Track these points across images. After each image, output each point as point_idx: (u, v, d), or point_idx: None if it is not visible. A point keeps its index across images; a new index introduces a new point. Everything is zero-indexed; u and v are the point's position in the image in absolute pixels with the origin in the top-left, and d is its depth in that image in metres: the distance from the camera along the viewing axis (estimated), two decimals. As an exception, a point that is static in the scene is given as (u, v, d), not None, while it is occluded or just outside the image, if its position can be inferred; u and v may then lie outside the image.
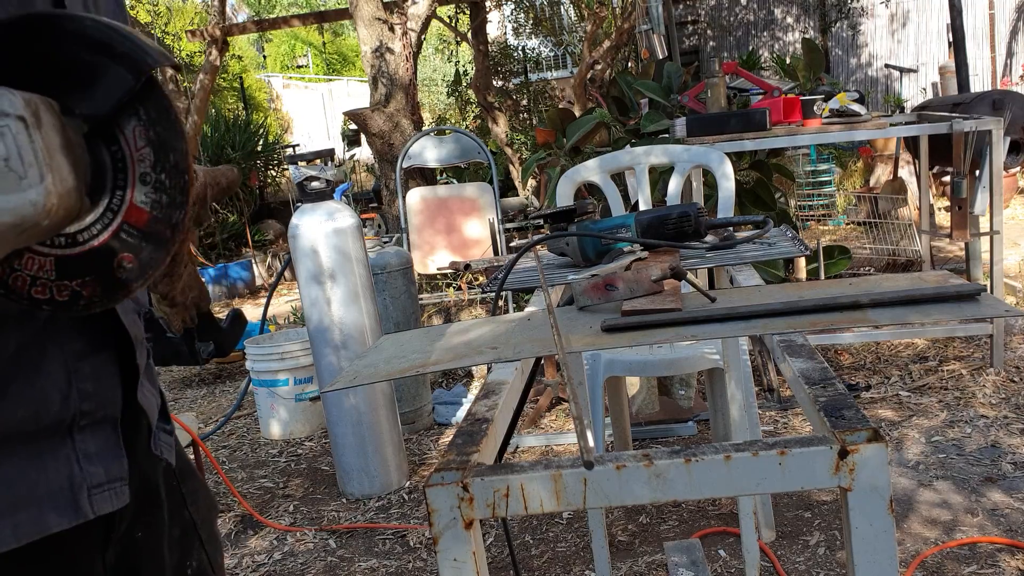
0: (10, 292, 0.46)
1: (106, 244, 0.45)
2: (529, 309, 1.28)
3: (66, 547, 0.61)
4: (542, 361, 0.98)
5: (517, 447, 3.46)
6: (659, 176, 3.94)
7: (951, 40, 6.98)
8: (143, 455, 0.69)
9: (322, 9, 19.53)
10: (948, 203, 4.22)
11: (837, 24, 10.38)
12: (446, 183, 6.38)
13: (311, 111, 16.37)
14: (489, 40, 10.28)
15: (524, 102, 11.83)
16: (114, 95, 0.42)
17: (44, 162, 0.39)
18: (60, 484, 0.58)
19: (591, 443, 0.65)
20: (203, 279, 0.73)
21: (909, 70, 9.62)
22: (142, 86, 0.43)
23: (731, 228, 1.56)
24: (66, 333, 0.59)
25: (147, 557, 0.70)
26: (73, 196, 0.41)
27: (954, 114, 3.91)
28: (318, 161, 3.15)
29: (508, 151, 9.06)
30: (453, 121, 13.22)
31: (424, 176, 6.10)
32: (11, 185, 0.38)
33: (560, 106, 9.26)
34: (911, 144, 4.95)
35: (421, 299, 4.93)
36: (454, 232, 4.76)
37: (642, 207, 2.64)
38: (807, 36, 10.27)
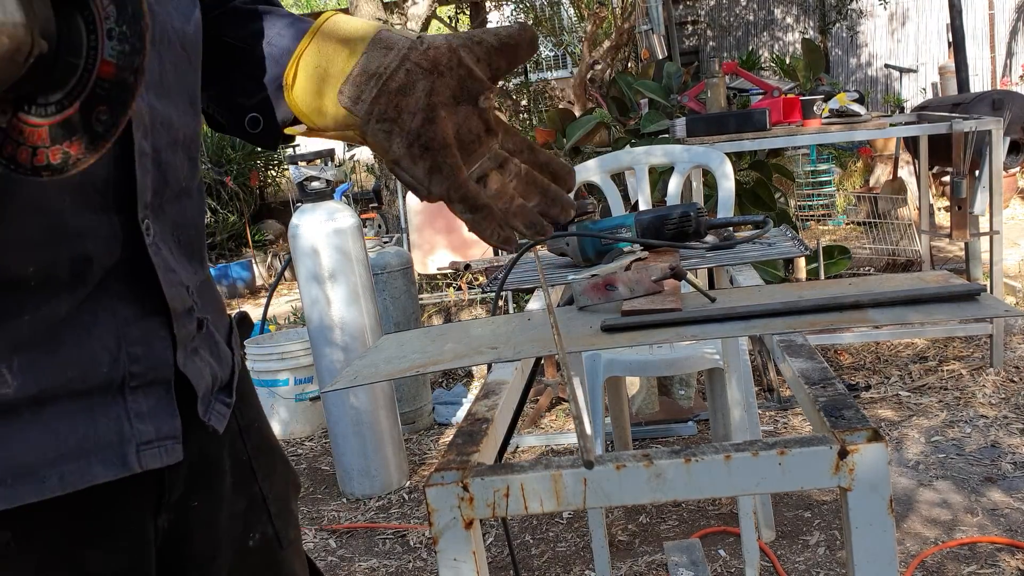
0: (18, 165, 0.49)
1: (86, 101, 0.49)
2: (529, 308, 1.28)
3: (117, 505, 0.65)
4: (542, 361, 0.98)
5: (517, 447, 3.46)
6: (659, 176, 3.94)
7: (951, 40, 6.98)
8: (200, 425, 0.71)
9: (322, 9, 19.52)
10: (948, 203, 4.22)
11: (837, 24, 10.38)
12: (446, 183, 6.37)
13: (311, 111, 16.32)
14: (489, 40, 10.26)
15: (524, 102, 11.83)
16: None
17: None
18: (109, 439, 0.61)
19: (590, 443, 0.65)
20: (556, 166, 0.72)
21: (909, 70, 9.62)
22: None
23: (731, 228, 1.57)
24: (117, 300, 0.63)
25: (201, 525, 0.73)
26: (20, 31, 0.44)
27: (954, 114, 3.91)
28: (318, 161, 3.15)
29: (508, 151, 9.04)
30: (453, 121, 13.20)
31: (424, 176, 6.09)
32: None
33: (560, 106, 9.26)
34: (911, 144, 4.96)
35: (421, 299, 4.94)
36: (454, 232, 4.76)
37: (642, 207, 2.64)
38: (807, 36, 10.28)
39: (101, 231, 0.61)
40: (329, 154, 3.24)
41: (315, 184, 3.08)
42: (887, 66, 10.03)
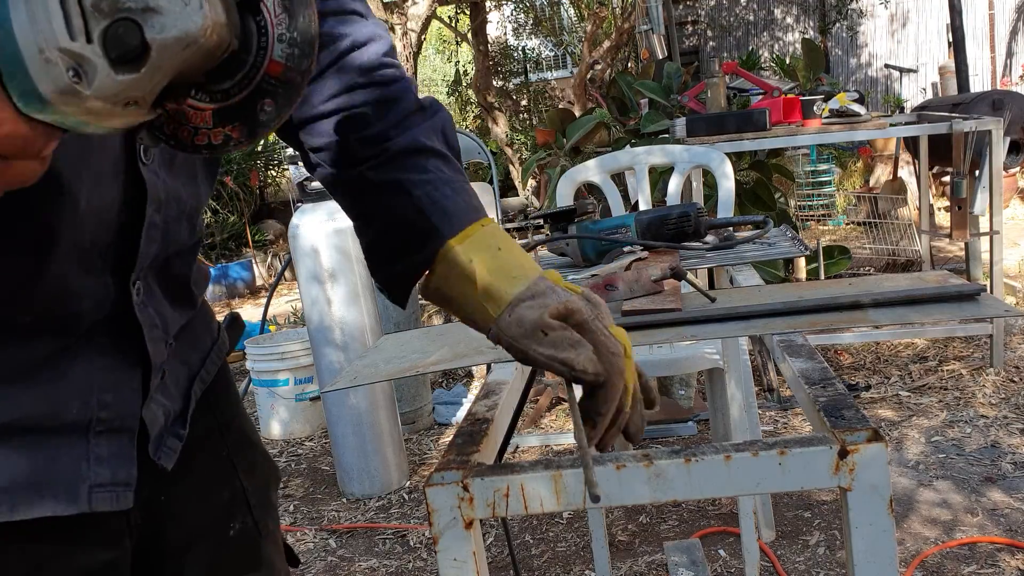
0: (179, 142, 0.56)
1: (252, 93, 0.56)
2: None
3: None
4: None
5: (517, 447, 3.46)
6: (659, 176, 3.94)
7: (951, 40, 6.98)
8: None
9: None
10: (948, 203, 4.22)
11: (837, 24, 10.38)
12: (446, 183, 6.37)
13: (311, 111, 16.32)
14: (489, 40, 10.28)
15: (524, 102, 11.83)
16: None
17: None
18: (65, 476, 0.64)
19: (594, 476, 0.66)
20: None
21: (909, 70, 9.62)
22: None
23: (731, 228, 1.57)
24: (97, 350, 0.67)
25: (171, 519, 0.77)
26: (224, 29, 0.51)
27: (954, 114, 3.91)
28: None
29: (508, 151, 9.06)
30: (453, 121, 13.21)
31: (424, 176, 6.10)
32: (179, 9, 0.49)
33: (560, 106, 9.27)
34: (911, 144, 4.95)
35: (421, 299, 4.93)
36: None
37: (642, 207, 2.64)
38: (807, 36, 10.27)
39: (96, 292, 0.66)
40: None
41: (315, 184, 3.08)
42: (887, 66, 10.02)
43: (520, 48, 13.11)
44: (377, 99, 0.81)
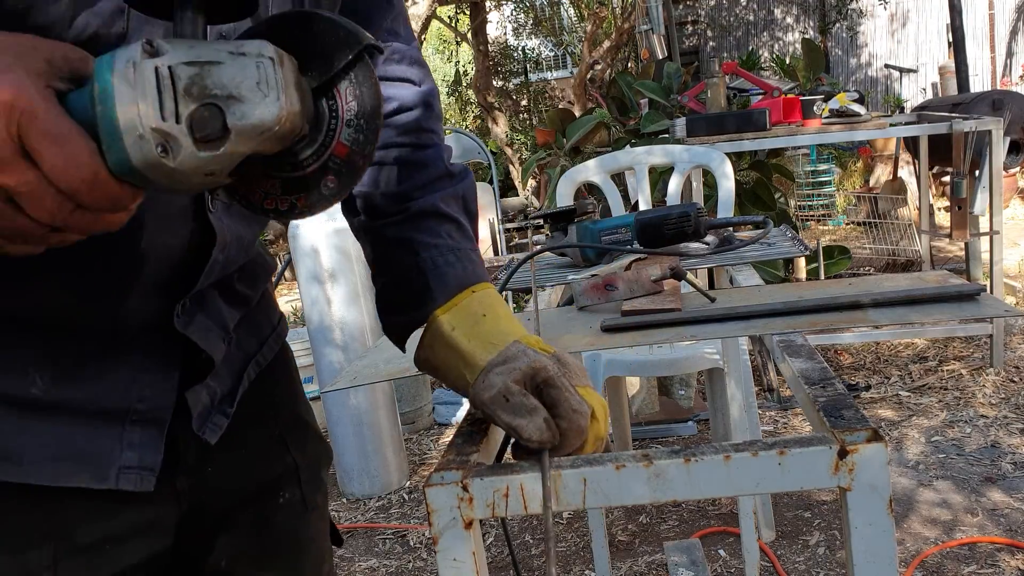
0: (250, 204, 0.63)
1: (318, 169, 0.62)
2: (529, 309, 1.28)
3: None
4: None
5: (517, 447, 3.46)
6: (659, 176, 3.94)
7: (951, 40, 6.98)
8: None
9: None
10: (948, 203, 4.22)
11: (837, 24, 10.38)
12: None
13: (311, 111, 16.33)
14: (489, 40, 10.28)
15: (524, 102, 11.83)
16: (336, 64, 0.61)
17: (281, 89, 0.57)
18: (100, 455, 0.72)
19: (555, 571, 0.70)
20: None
21: (909, 70, 9.62)
22: (355, 58, 0.61)
23: (731, 228, 1.57)
24: (142, 351, 0.74)
25: (220, 486, 0.83)
26: (297, 118, 0.58)
27: (954, 114, 3.91)
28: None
29: (508, 151, 9.06)
30: (453, 121, 13.22)
31: (424, 176, 6.10)
32: (259, 99, 0.55)
33: (560, 106, 9.27)
34: (911, 144, 4.95)
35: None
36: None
37: (642, 207, 2.64)
38: (807, 36, 10.27)
39: (147, 312, 0.73)
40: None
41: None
42: (887, 66, 10.02)
43: (520, 48, 13.11)
44: (408, 160, 0.88)
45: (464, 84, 12.56)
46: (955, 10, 5.00)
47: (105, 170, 0.53)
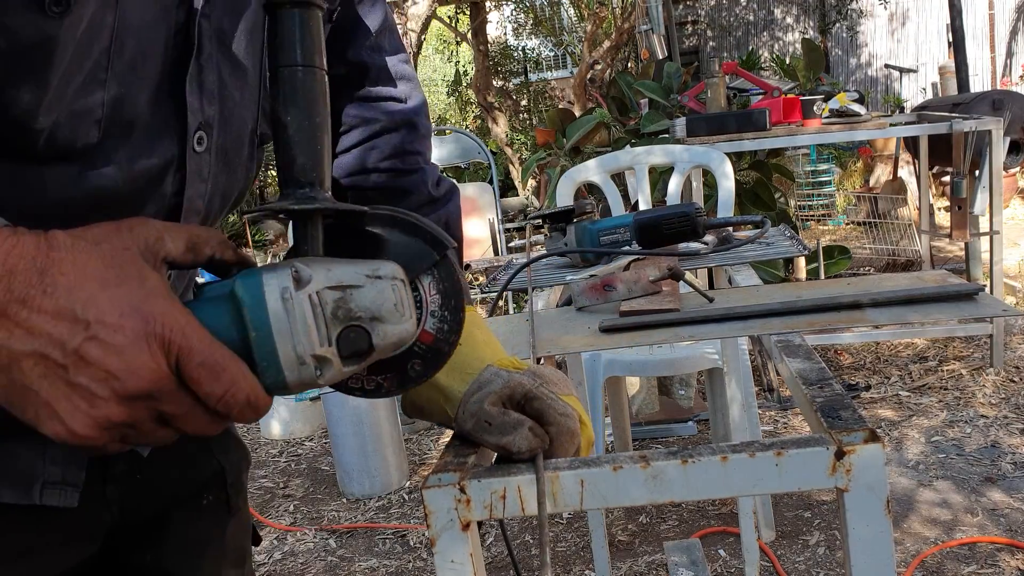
0: (336, 383, 0.65)
1: (405, 353, 0.66)
2: (528, 310, 1.28)
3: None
4: (541, 361, 0.99)
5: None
6: (659, 176, 3.93)
7: (951, 40, 6.97)
8: None
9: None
10: (948, 203, 4.22)
11: (837, 24, 10.38)
12: (446, 183, 6.36)
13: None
14: (489, 40, 10.28)
15: (524, 102, 11.83)
16: (425, 264, 0.67)
17: (410, 307, 0.63)
18: (23, 471, 0.70)
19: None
20: None
21: (909, 70, 9.61)
22: (440, 260, 0.67)
23: (730, 228, 1.57)
24: None
25: (149, 493, 0.83)
26: (416, 328, 0.65)
27: (954, 114, 3.91)
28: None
29: (508, 151, 9.06)
30: (453, 121, 13.22)
31: (424, 176, 6.10)
32: (397, 319, 0.61)
33: (560, 106, 9.26)
34: (911, 144, 4.95)
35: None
36: (454, 232, 4.75)
37: (642, 207, 2.64)
38: (807, 36, 10.27)
39: None
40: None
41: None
42: (887, 66, 10.02)
43: (520, 48, 13.11)
44: (390, 187, 0.89)
45: (464, 84, 12.55)
46: (955, 10, 5.00)
47: (260, 389, 0.56)
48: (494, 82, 10.51)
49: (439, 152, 5.35)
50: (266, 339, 0.56)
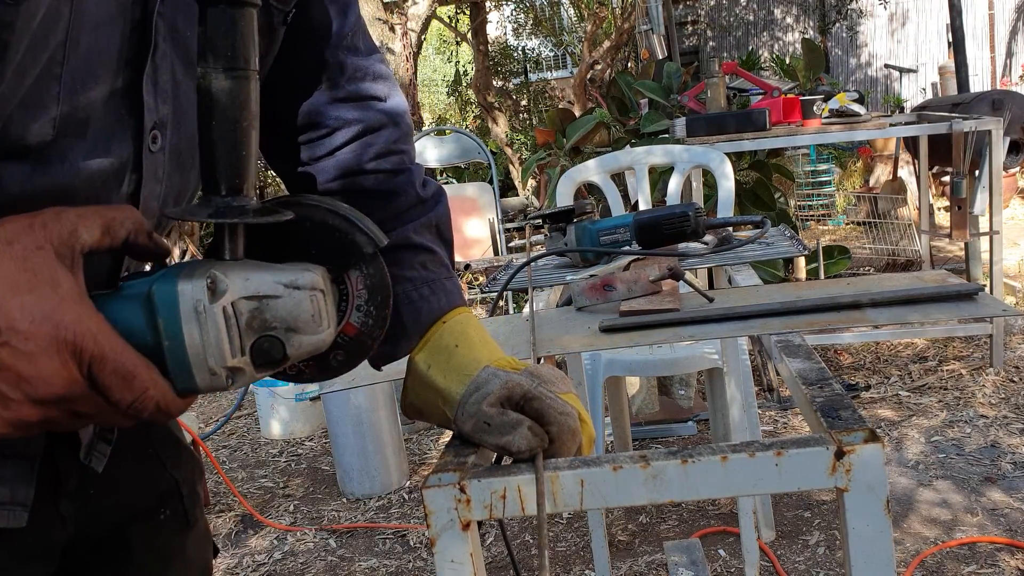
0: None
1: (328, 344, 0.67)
2: (528, 310, 1.28)
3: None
4: (541, 360, 0.99)
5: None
6: (659, 176, 3.94)
7: (951, 40, 6.97)
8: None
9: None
10: (948, 203, 4.22)
11: (837, 24, 10.38)
12: (446, 183, 6.38)
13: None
14: (489, 40, 10.28)
15: (524, 102, 11.82)
16: (353, 259, 0.69)
17: (328, 316, 0.64)
18: None
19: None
20: None
21: (909, 70, 9.61)
22: (371, 256, 0.69)
23: (730, 228, 1.57)
24: None
25: (104, 509, 0.82)
26: (335, 330, 0.67)
27: (954, 114, 3.91)
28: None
29: (508, 151, 9.06)
30: (453, 121, 13.22)
31: (424, 176, 6.10)
32: (313, 329, 0.62)
33: (560, 106, 9.26)
34: (911, 144, 4.95)
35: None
36: (454, 232, 4.75)
37: (642, 207, 2.64)
38: (807, 36, 10.27)
39: None
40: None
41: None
42: (887, 66, 10.02)
43: (520, 48, 13.11)
44: (377, 190, 0.87)
45: (464, 84, 12.55)
46: (955, 10, 5.00)
47: (171, 394, 0.57)
48: (494, 82, 10.51)
49: (439, 152, 5.35)
50: (178, 349, 0.56)
